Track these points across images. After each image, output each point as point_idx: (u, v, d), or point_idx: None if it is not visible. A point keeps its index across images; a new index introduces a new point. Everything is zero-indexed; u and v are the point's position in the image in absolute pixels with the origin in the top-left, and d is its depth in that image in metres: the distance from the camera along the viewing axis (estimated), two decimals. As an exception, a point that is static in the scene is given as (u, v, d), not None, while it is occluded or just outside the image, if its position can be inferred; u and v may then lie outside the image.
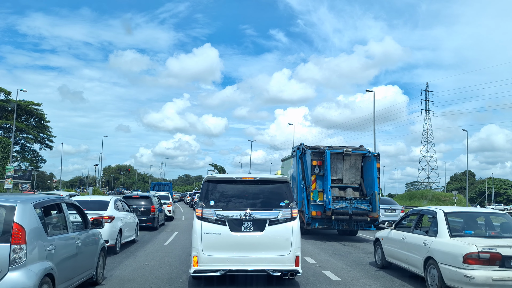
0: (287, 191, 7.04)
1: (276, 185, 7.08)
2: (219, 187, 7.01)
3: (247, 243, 6.60)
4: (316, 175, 14.63)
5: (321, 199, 14.48)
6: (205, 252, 6.54)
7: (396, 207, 19.61)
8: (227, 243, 6.59)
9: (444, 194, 73.88)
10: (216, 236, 6.59)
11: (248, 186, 7.00)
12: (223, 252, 6.56)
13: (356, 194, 14.90)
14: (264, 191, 7.00)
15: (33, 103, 55.75)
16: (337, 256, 10.97)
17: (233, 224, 6.62)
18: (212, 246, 6.57)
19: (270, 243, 6.62)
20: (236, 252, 6.57)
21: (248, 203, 6.79)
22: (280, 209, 6.74)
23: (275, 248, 6.62)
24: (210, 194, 6.90)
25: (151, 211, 17.49)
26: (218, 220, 6.64)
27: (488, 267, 5.96)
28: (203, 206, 6.79)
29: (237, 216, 6.64)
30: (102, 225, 7.15)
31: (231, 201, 6.87)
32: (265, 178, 7.17)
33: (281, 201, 6.85)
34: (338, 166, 15.06)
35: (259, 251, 6.58)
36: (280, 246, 6.63)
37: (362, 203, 14.16)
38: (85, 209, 10.67)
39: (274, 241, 6.64)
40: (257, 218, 6.64)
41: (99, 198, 11.76)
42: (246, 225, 6.63)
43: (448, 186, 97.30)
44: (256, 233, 6.62)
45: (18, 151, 57.59)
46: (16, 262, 4.49)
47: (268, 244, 6.61)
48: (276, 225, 6.67)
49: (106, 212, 10.73)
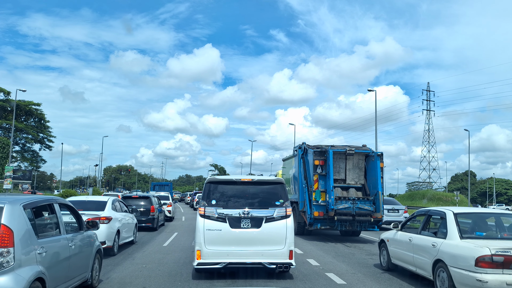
0: (282, 191, 7.74)
1: (272, 186, 7.82)
2: (220, 188, 7.72)
3: (246, 238, 7.30)
4: (318, 175, 14.34)
5: (323, 199, 14.19)
6: (207, 247, 7.24)
7: (399, 208, 19.30)
8: (227, 238, 7.28)
9: (445, 194, 73.55)
10: (217, 232, 7.29)
11: (246, 187, 7.71)
12: (224, 247, 7.27)
13: (359, 194, 14.62)
14: (261, 192, 7.73)
15: (32, 103, 55.52)
16: (340, 258, 10.69)
17: (232, 221, 7.33)
18: (214, 241, 7.26)
19: (266, 238, 7.32)
20: (236, 246, 7.27)
21: (246, 202, 7.51)
22: (275, 207, 7.47)
23: (271, 243, 7.32)
24: (211, 194, 7.61)
25: (151, 212, 17.25)
26: (219, 217, 7.35)
27: (502, 270, 5.67)
28: (206, 205, 7.49)
29: (236, 214, 7.35)
30: (97, 227, 6.87)
31: (231, 200, 7.57)
32: (262, 180, 7.98)
33: (277, 200, 7.59)
34: (341, 165, 14.78)
35: (256, 246, 7.28)
36: (275, 241, 7.33)
37: (366, 204, 13.88)
38: (82, 210, 10.55)
39: (270, 237, 7.34)
40: (255, 216, 7.36)
41: (96, 199, 11.49)
42: (245, 222, 7.34)
43: (449, 186, 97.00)
44: (254, 229, 7.33)
45: (17, 151, 57.40)
46: (4, 266, 4.22)
47: (265, 240, 7.31)
48: (272, 222, 7.39)
49: (103, 213, 10.45)
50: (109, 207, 10.92)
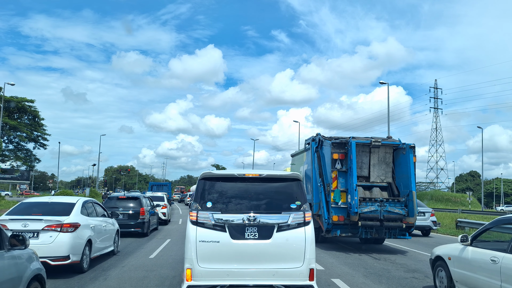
0: (298, 190, 5.92)
1: (285, 183, 5.98)
2: (218, 186, 5.90)
3: (251, 253, 5.53)
4: (337, 171, 11.97)
5: (343, 201, 11.82)
6: (200, 264, 5.49)
7: (425, 210, 16.89)
8: (227, 253, 5.52)
9: (454, 195, 71.13)
10: (214, 244, 5.53)
11: (252, 185, 5.91)
12: (222, 264, 5.50)
13: (384, 194, 12.24)
14: (272, 191, 5.94)
15: (26, 100, 53.11)
16: (374, 277, 8.31)
17: (234, 230, 5.56)
18: (209, 256, 5.52)
19: (279, 253, 5.54)
20: (238, 264, 5.50)
21: (252, 204, 5.71)
22: (290, 212, 5.66)
23: (285, 259, 5.55)
24: (207, 194, 5.81)
25: (140, 215, 14.98)
26: (216, 225, 5.58)
27: None
28: (199, 209, 5.70)
29: (239, 221, 5.56)
30: (25, 244, 4.52)
31: (232, 202, 5.78)
32: (273, 175, 6.04)
33: (292, 202, 5.77)
34: (364, 160, 12.40)
35: (265, 263, 5.50)
36: (291, 257, 5.56)
37: (396, 206, 11.49)
38: (40, 215, 8.22)
39: (283, 251, 5.56)
40: (263, 222, 5.56)
41: (62, 200, 9.12)
42: (250, 232, 5.55)
43: (453, 187, 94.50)
44: (262, 241, 5.54)
45: (11, 150, 54.99)
46: None
47: (277, 255, 5.53)
48: (286, 231, 5.61)
49: (68, 218, 8.09)
50: (77, 211, 8.57)
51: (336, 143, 12.15)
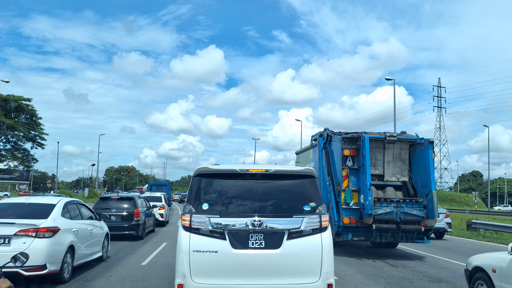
0: (313, 189, 5.03)
1: (297, 180, 5.07)
2: (216, 184, 5.02)
3: (257, 265, 4.65)
4: (348, 169, 10.94)
5: (355, 202, 10.79)
6: (194, 279, 4.61)
7: (440, 211, 15.81)
8: (227, 265, 4.65)
9: (458, 195, 70.01)
10: (211, 255, 4.64)
11: (257, 182, 5.00)
12: (221, 279, 4.63)
13: (399, 194, 11.21)
14: (281, 190, 5.05)
15: (23, 98, 52.09)
16: (396, 288, 7.27)
17: (235, 238, 4.68)
18: (205, 270, 4.65)
19: (290, 265, 4.67)
20: (240, 279, 4.63)
21: (257, 206, 4.84)
22: (304, 215, 4.79)
23: (298, 273, 4.68)
24: (203, 194, 4.95)
25: (135, 216, 13.98)
26: (214, 231, 4.70)
27: None
28: (193, 211, 4.83)
29: (242, 226, 4.69)
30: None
31: (233, 203, 4.91)
32: (283, 171, 5.15)
33: (306, 203, 4.90)
34: (378, 157, 11.36)
35: (273, 278, 4.63)
36: (304, 270, 4.70)
37: (414, 207, 10.45)
38: (14, 218, 7.21)
39: (295, 263, 4.70)
40: (271, 228, 4.69)
41: (40, 201, 8.08)
42: (255, 239, 4.68)
43: (455, 187, 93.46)
44: (270, 250, 4.67)
45: (8, 150, 53.98)
46: None
47: (287, 267, 4.67)
48: (299, 238, 4.74)
49: (46, 222, 7.05)
50: (57, 213, 7.53)
51: (347, 138, 11.11)
